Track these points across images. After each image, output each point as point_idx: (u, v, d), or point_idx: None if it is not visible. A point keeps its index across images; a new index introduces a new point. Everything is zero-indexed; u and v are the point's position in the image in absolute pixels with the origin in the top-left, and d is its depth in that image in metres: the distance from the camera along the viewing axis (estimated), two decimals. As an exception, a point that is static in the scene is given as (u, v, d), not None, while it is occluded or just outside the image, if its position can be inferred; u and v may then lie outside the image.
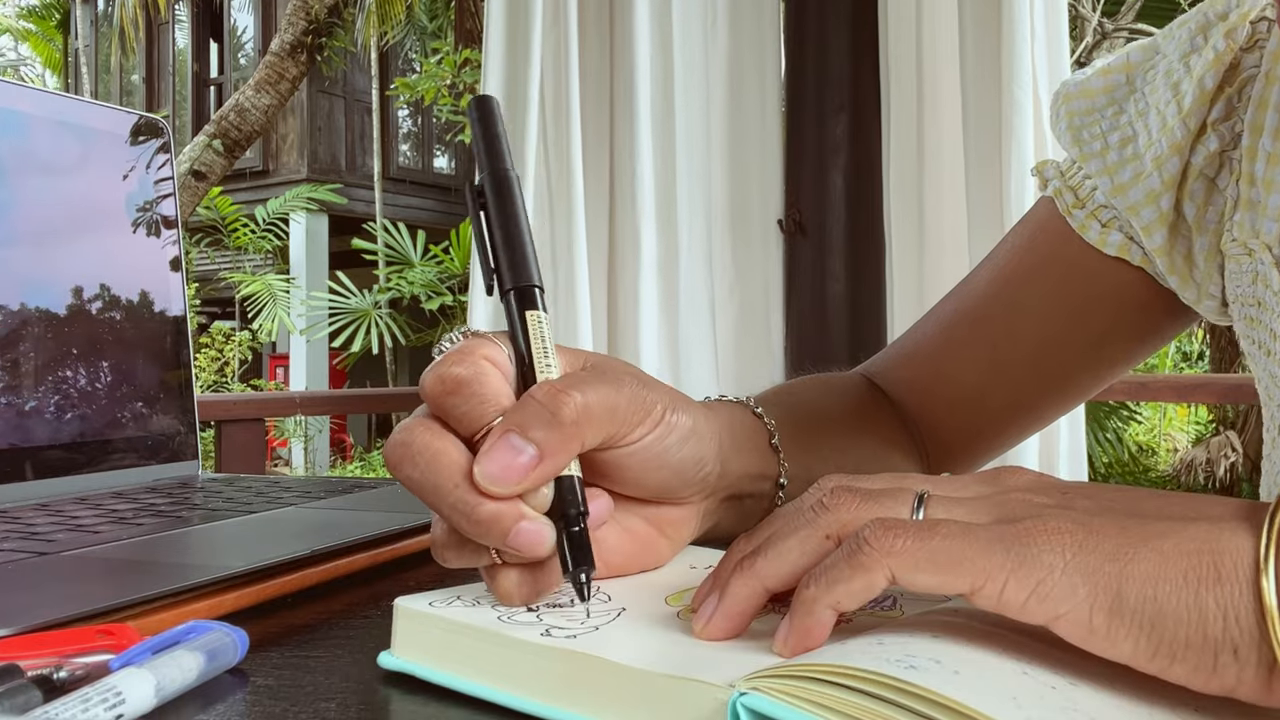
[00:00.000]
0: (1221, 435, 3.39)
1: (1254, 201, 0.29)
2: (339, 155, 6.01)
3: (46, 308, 0.36)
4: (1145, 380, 1.42)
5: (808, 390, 0.35)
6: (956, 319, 0.35)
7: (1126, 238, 0.32)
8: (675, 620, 0.18)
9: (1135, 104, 0.32)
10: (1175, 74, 0.31)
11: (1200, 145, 0.30)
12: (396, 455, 0.19)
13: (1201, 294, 0.32)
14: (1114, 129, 0.32)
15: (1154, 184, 0.31)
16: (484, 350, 0.19)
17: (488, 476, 0.18)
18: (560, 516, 0.18)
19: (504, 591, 0.19)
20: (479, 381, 0.19)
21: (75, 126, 0.39)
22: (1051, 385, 0.35)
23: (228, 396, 1.57)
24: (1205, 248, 0.31)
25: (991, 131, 0.86)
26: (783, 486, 0.26)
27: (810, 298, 1.02)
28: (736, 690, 0.14)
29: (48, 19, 6.93)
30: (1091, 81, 0.33)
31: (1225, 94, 0.30)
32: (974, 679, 0.13)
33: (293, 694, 0.18)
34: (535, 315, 0.20)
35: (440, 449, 0.18)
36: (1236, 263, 0.30)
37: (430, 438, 0.18)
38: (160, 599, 0.21)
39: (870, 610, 0.18)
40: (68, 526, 0.28)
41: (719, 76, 1.03)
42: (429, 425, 0.19)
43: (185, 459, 0.41)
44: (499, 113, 0.21)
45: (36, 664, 0.17)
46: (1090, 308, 0.33)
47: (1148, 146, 0.31)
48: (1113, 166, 0.32)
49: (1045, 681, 0.14)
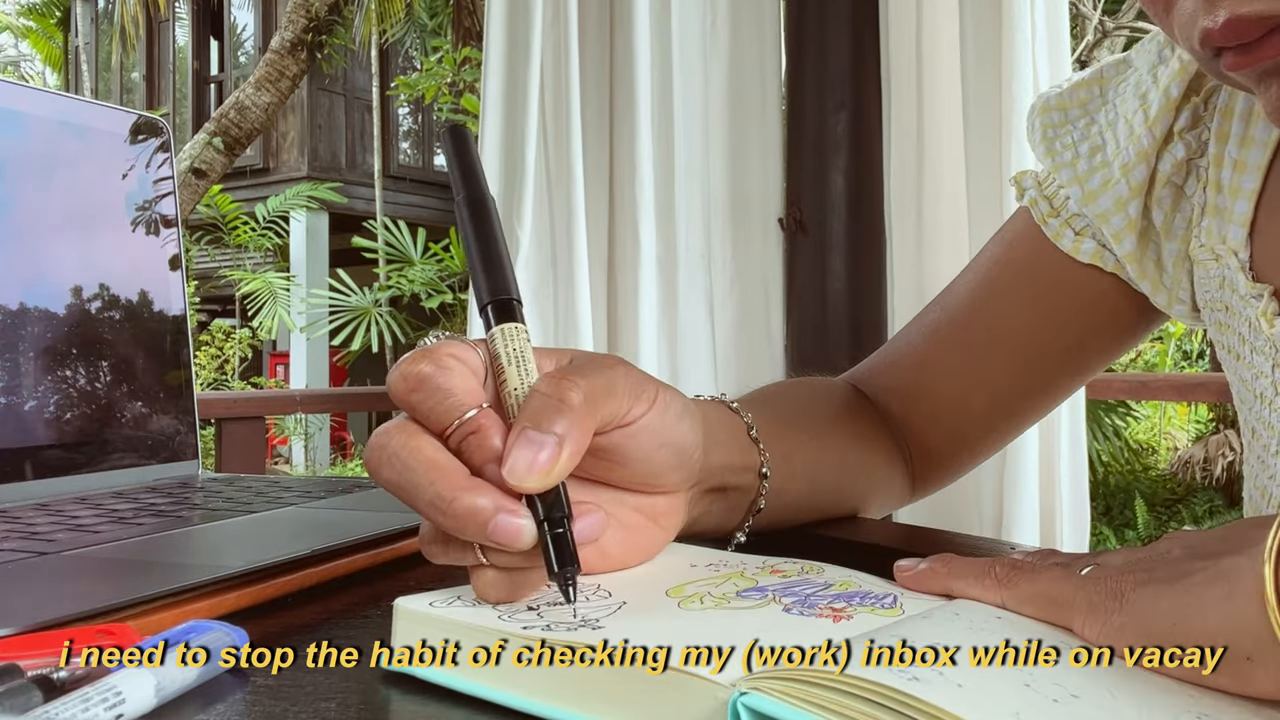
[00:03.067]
0: (1220, 434, 3.39)
1: (1221, 208, 0.30)
2: (339, 153, 6.00)
3: (46, 307, 0.36)
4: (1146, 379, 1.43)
5: (787, 389, 0.35)
6: (939, 328, 0.36)
7: (1099, 245, 0.33)
8: (677, 616, 0.18)
9: (1106, 114, 0.33)
10: (1143, 85, 0.32)
11: (1167, 153, 0.31)
12: (374, 459, 0.19)
13: (1172, 299, 0.32)
14: (1085, 138, 0.33)
15: (1122, 191, 0.31)
16: (448, 349, 0.19)
17: (516, 475, 0.18)
18: (544, 519, 0.19)
19: (480, 588, 0.19)
20: (442, 376, 0.19)
21: (75, 126, 0.39)
22: (1032, 391, 0.35)
23: (228, 395, 1.58)
24: (1174, 253, 0.31)
25: (992, 130, 0.86)
26: (765, 477, 0.27)
27: (811, 296, 1.01)
28: (738, 689, 0.14)
29: (48, 16, 6.92)
30: (1066, 94, 0.34)
31: (1191, 103, 0.30)
32: (976, 693, 0.14)
33: (293, 694, 0.18)
34: (515, 326, 0.20)
35: (414, 447, 0.19)
36: (1204, 268, 0.30)
37: (404, 438, 0.19)
38: (160, 599, 0.21)
39: (871, 607, 0.18)
40: (67, 526, 0.28)
41: (719, 74, 1.03)
42: (403, 426, 0.19)
43: (185, 458, 0.41)
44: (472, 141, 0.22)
45: (37, 664, 0.17)
46: (1067, 315, 0.34)
47: (1115, 155, 0.31)
48: (1083, 175, 0.32)
49: (1048, 694, 0.14)
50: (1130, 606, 0.17)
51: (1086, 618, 0.17)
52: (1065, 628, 0.17)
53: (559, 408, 0.19)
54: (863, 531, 0.31)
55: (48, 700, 0.15)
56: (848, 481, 0.32)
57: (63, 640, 0.17)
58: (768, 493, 0.27)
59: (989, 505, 0.87)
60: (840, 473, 0.32)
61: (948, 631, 0.16)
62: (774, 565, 0.21)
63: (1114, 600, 0.17)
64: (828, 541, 0.30)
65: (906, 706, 0.13)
